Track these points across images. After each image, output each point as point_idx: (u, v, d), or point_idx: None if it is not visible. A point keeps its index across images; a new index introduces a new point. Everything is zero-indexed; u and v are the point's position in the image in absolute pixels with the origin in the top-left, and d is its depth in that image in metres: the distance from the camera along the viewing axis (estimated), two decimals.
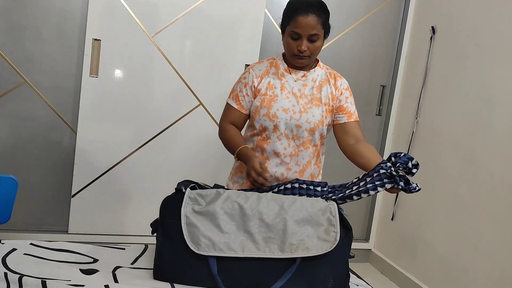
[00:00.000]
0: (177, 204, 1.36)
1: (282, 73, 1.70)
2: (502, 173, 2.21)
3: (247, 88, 1.70)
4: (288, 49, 1.64)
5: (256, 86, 1.69)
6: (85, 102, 2.49)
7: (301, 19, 1.55)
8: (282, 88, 1.67)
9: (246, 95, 1.70)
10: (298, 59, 1.64)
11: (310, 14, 1.55)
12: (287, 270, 1.30)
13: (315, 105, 1.67)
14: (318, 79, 1.71)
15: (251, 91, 1.70)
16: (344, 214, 1.44)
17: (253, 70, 1.72)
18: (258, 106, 1.67)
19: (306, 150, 1.68)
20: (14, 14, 2.35)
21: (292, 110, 1.65)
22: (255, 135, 1.71)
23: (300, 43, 1.59)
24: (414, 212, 2.79)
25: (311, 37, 1.59)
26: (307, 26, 1.56)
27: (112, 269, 1.38)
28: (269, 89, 1.67)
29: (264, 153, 1.69)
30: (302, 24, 1.56)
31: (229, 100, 1.75)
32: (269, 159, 1.68)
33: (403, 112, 3.01)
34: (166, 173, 2.69)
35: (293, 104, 1.66)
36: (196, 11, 2.59)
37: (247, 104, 1.71)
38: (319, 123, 1.66)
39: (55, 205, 2.60)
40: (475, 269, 2.31)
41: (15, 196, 1.58)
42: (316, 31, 1.58)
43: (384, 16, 3.00)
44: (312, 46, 1.61)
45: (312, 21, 1.56)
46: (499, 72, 2.29)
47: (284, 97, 1.66)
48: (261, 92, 1.68)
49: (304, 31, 1.57)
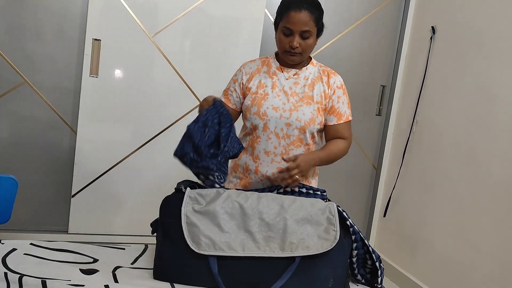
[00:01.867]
0: (177, 204, 1.36)
1: (273, 71, 1.71)
2: (502, 173, 2.21)
3: (235, 84, 1.73)
4: (280, 46, 1.64)
5: (245, 83, 1.71)
6: (85, 102, 2.49)
7: (294, 15, 1.56)
8: (273, 87, 1.68)
9: (234, 90, 1.73)
10: (290, 55, 1.64)
11: (303, 10, 1.56)
12: (287, 269, 1.30)
13: (306, 103, 1.66)
14: (311, 77, 1.71)
15: (239, 88, 1.72)
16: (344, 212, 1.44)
17: (244, 68, 1.74)
18: (249, 105, 1.68)
19: (296, 149, 1.68)
20: (14, 14, 2.35)
21: (282, 109, 1.65)
22: (247, 134, 1.73)
23: (292, 39, 1.59)
24: (414, 211, 2.79)
25: (303, 34, 1.59)
26: (299, 22, 1.56)
27: (112, 269, 1.38)
28: (260, 87, 1.68)
29: (254, 152, 1.70)
30: (294, 20, 1.56)
31: (221, 95, 1.79)
32: (260, 158, 1.69)
33: (403, 112, 3.01)
34: (166, 173, 2.69)
35: (284, 102, 1.66)
36: (196, 11, 2.59)
37: (234, 99, 1.74)
38: (310, 122, 1.66)
39: (55, 205, 2.60)
40: (475, 269, 2.30)
41: (15, 196, 1.58)
42: (309, 28, 1.58)
43: (384, 16, 3.00)
44: (304, 43, 1.60)
45: (305, 17, 1.56)
46: (499, 72, 2.29)
47: (274, 96, 1.67)
48: (252, 90, 1.69)
49: (296, 27, 1.57)
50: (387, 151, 3.11)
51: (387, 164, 3.12)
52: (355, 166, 3.14)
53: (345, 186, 3.15)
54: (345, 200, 3.15)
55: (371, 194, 3.20)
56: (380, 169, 3.13)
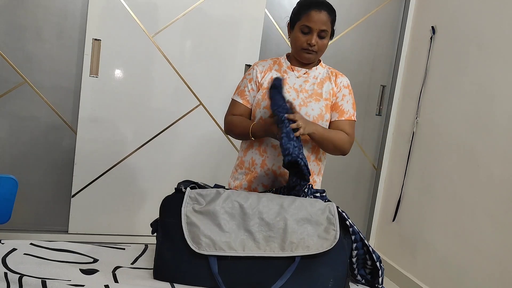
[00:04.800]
0: (177, 204, 1.36)
1: (285, 70, 1.76)
2: (502, 173, 2.21)
3: (252, 83, 1.75)
4: (297, 44, 1.68)
5: (260, 80, 1.74)
6: (85, 102, 2.49)
7: (314, 14, 1.62)
8: (284, 83, 1.70)
9: (251, 89, 1.75)
10: (306, 53, 1.68)
11: (323, 10, 1.63)
12: (287, 269, 1.30)
13: (315, 100, 1.70)
14: (320, 76, 1.75)
15: (256, 86, 1.74)
16: (344, 212, 1.44)
17: (257, 67, 1.77)
18: (259, 99, 1.71)
19: (304, 145, 1.69)
20: (14, 14, 2.35)
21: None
22: None
23: (310, 37, 1.64)
24: (414, 212, 2.79)
25: (321, 33, 1.65)
26: (319, 21, 1.62)
27: (112, 269, 1.38)
28: (271, 83, 1.69)
29: (262, 146, 1.71)
30: (314, 19, 1.62)
31: (234, 96, 1.78)
32: (267, 152, 1.70)
33: (403, 112, 3.01)
34: (166, 173, 2.69)
35: (293, 98, 1.69)
36: (196, 11, 2.59)
37: (252, 99, 1.75)
38: (318, 118, 1.68)
39: (55, 205, 2.60)
40: (475, 269, 2.30)
41: (15, 196, 1.58)
42: (326, 28, 1.65)
43: (384, 16, 3.00)
44: (321, 42, 1.67)
45: (324, 17, 1.64)
46: (499, 72, 2.29)
47: (284, 91, 1.68)
48: (263, 86, 1.72)
49: (316, 25, 1.63)
50: (387, 151, 3.11)
51: (387, 164, 3.12)
52: (355, 166, 3.14)
53: (345, 186, 3.15)
54: (345, 200, 3.15)
55: (371, 194, 3.20)
56: (380, 169, 3.13)
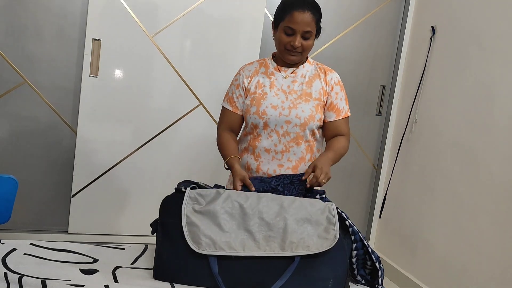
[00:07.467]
0: (177, 204, 1.36)
1: (271, 71, 1.73)
2: (502, 173, 2.21)
3: (239, 89, 1.73)
4: (280, 45, 1.65)
5: (247, 86, 1.72)
6: (85, 102, 2.49)
7: (297, 15, 1.58)
8: (272, 86, 1.70)
9: (239, 96, 1.74)
10: (290, 55, 1.65)
11: (306, 11, 1.58)
12: (287, 269, 1.30)
13: (304, 100, 1.68)
14: (308, 74, 1.73)
15: (243, 92, 1.73)
16: (343, 212, 1.44)
17: (243, 72, 1.75)
18: (248, 105, 1.70)
19: (298, 146, 1.69)
20: (14, 14, 2.35)
21: (281, 107, 1.67)
22: (248, 134, 1.75)
23: (294, 39, 1.61)
24: (414, 212, 2.79)
25: (305, 34, 1.61)
26: (303, 22, 1.58)
27: (112, 269, 1.38)
28: (259, 87, 1.70)
29: (256, 151, 1.71)
30: (298, 20, 1.58)
31: (223, 103, 1.78)
32: (261, 156, 1.70)
33: (403, 112, 3.01)
34: (166, 173, 2.69)
35: (282, 100, 1.67)
36: (196, 11, 2.59)
37: (241, 105, 1.74)
38: (310, 118, 1.67)
39: (55, 205, 2.60)
40: (475, 269, 2.30)
41: (15, 196, 1.58)
42: (310, 29, 1.60)
43: (384, 16, 3.00)
44: (306, 43, 1.63)
45: (308, 18, 1.58)
46: (499, 72, 2.29)
47: (273, 95, 1.68)
48: (251, 91, 1.71)
49: (299, 27, 1.59)
50: (387, 151, 3.11)
51: (387, 164, 3.12)
52: (355, 166, 3.14)
53: (345, 186, 3.15)
54: (345, 200, 3.15)
55: (371, 194, 3.20)
56: (380, 169, 3.13)
